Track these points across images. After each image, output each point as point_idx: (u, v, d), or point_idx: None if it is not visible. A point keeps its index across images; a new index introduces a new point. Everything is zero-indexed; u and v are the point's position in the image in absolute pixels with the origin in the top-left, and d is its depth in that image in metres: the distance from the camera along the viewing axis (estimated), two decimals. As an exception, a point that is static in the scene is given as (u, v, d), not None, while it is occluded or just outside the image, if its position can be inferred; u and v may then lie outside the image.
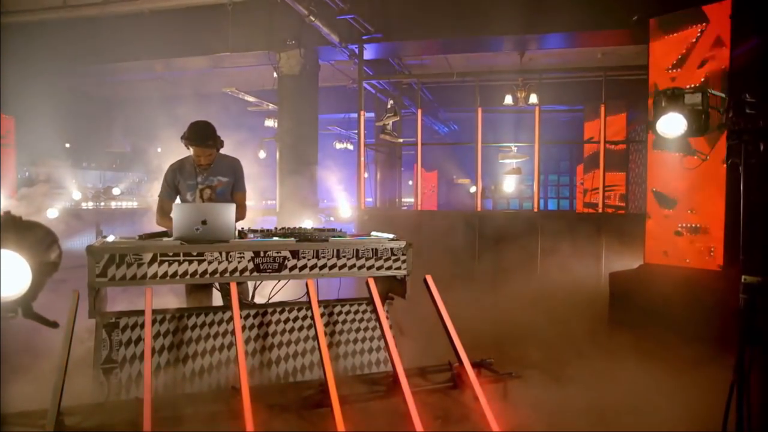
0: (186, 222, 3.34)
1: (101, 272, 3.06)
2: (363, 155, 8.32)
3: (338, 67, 10.12)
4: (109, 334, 3.34)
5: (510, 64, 11.04)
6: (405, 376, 3.26)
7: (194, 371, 3.44)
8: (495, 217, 8.20)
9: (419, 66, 11.66)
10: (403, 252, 3.72)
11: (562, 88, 11.59)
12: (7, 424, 2.81)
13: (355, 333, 3.91)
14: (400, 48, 8.84)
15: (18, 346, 4.19)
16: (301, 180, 8.54)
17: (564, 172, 19.29)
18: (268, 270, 3.42)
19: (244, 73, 10.57)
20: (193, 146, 3.97)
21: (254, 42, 8.37)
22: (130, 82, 11.57)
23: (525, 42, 9.06)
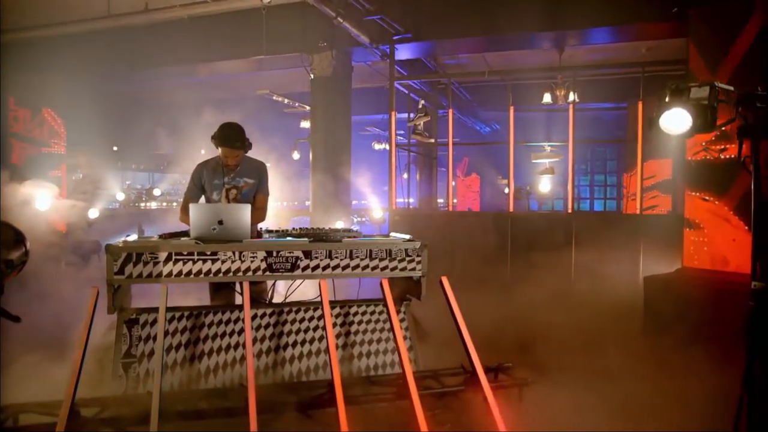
0: (203, 222, 3.41)
1: (119, 270, 3.17)
2: (394, 156, 8.31)
3: (375, 68, 10.14)
4: (129, 329, 3.46)
5: (549, 62, 10.79)
6: (414, 378, 3.23)
7: (209, 368, 3.51)
8: (527, 218, 8.03)
9: (456, 65, 11.54)
10: (418, 253, 3.68)
11: (604, 85, 11.24)
12: (25, 413, 2.95)
13: (371, 334, 3.90)
14: (434, 48, 8.77)
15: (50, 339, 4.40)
16: (334, 180, 8.61)
17: (612, 172, 18.70)
18: (280, 270, 3.45)
19: (281, 75, 10.73)
20: (222, 147, 4.05)
21: (288, 45, 8.49)
22: (174, 86, 11.93)
23: (563, 38, 8.81)
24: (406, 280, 3.83)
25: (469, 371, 3.39)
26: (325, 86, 8.70)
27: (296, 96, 12.48)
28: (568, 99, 9.98)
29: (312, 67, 8.67)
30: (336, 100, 8.77)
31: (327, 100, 8.76)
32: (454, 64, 11.53)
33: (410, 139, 9.53)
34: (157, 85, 11.52)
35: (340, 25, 6.93)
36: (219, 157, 4.13)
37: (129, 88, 11.78)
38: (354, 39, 7.74)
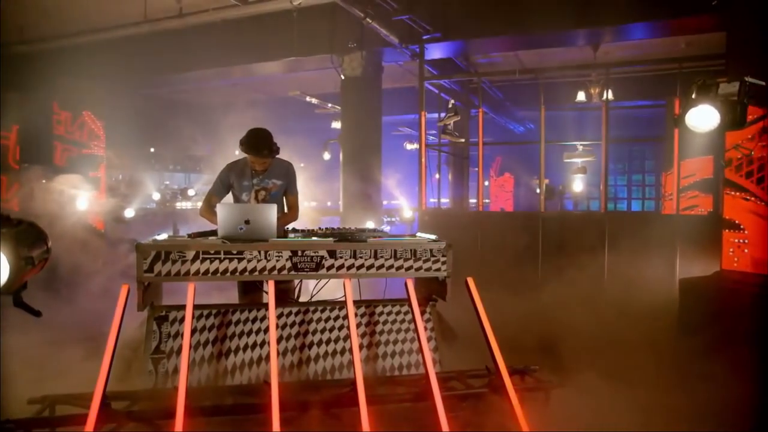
0: (230, 222, 3.47)
1: (148, 268, 3.25)
2: (424, 156, 8.28)
3: (407, 68, 10.14)
4: (159, 326, 3.55)
5: (583, 59, 10.57)
6: (438, 379, 3.22)
7: (235, 365, 3.57)
8: (559, 218, 7.89)
9: (488, 64, 11.44)
10: (443, 253, 3.66)
11: (641, 82, 10.95)
12: (61, 404, 3.06)
13: (395, 334, 3.89)
14: (464, 47, 8.70)
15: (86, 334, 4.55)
16: (364, 181, 8.64)
17: (650, 171, 18.20)
18: (305, 269, 3.48)
19: (312, 76, 10.84)
20: (250, 155, 4.10)
21: (318, 46, 8.56)
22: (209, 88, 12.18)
23: (598, 34, 8.60)
24: (432, 281, 3.82)
25: (493, 373, 3.36)
26: (355, 87, 8.74)
27: (328, 97, 12.58)
28: (602, 97, 9.77)
29: (342, 68, 8.72)
30: (366, 100, 8.80)
31: (357, 100, 8.80)
32: (486, 63, 11.43)
33: (440, 139, 9.47)
34: (193, 87, 11.77)
35: (368, 25, 6.94)
36: (248, 158, 4.19)
37: (165, 90, 12.08)
38: (383, 39, 7.74)
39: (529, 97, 11.27)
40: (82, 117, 8.97)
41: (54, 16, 8.56)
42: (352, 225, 8.13)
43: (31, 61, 9.49)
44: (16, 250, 1.22)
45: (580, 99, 10.36)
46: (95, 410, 2.66)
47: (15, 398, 3.09)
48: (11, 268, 1.21)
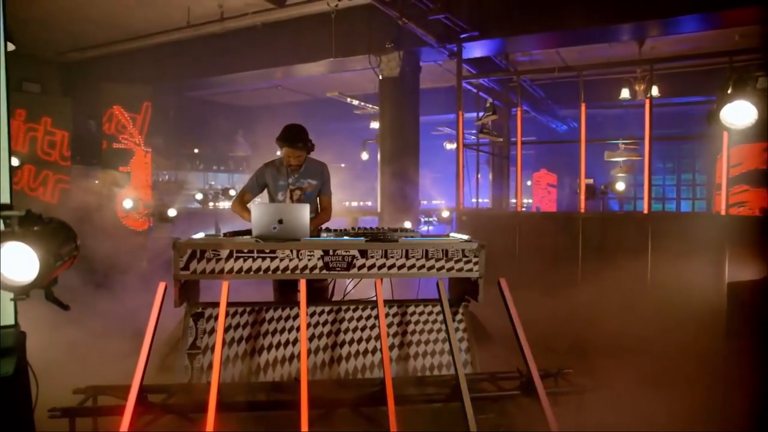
0: (264, 221, 3.54)
1: (184, 266, 3.35)
2: (462, 156, 8.22)
3: (447, 68, 10.09)
4: (195, 322, 3.64)
5: (629, 55, 10.27)
6: (469, 380, 3.20)
7: (268, 362, 3.63)
8: (600, 218, 7.67)
9: (529, 62, 11.27)
10: (475, 254, 3.62)
11: (690, 77, 10.56)
12: (102, 395, 3.19)
13: (427, 334, 3.88)
14: (503, 45, 8.59)
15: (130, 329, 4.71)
16: (402, 181, 8.65)
17: (701, 170, 17.50)
18: (337, 268, 3.51)
19: (352, 77, 10.92)
20: (285, 147, 4.18)
21: (356, 47, 8.62)
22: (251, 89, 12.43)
23: (644, 28, 8.32)
24: (465, 281, 3.79)
25: (525, 375, 3.30)
26: (392, 87, 8.76)
27: (367, 97, 12.65)
28: (648, 93, 9.47)
29: (380, 68, 8.75)
30: (404, 100, 8.81)
31: (395, 100, 8.82)
32: (527, 61, 11.26)
33: (479, 138, 9.38)
34: (235, 89, 12.04)
35: (405, 25, 6.95)
36: (283, 158, 4.26)
37: (208, 92, 12.40)
38: (421, 39, 7.73)
39: (570, 95, 11.03)
40: (117, 113, 9.02)
41: (104, 24, 8.92)
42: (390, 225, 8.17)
43: (83, 67, 9.93)
44: (46, 248, 1.28)
45: (624, 96, 10.07)
46: (132, 402, 2.76)
47: (62, 387, 3.23)
48: (41, 264, 1.27)
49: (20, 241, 1.25)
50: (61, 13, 8.55)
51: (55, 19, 8.72)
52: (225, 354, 3.56)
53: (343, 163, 16.50)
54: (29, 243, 1.26)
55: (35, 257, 1.27)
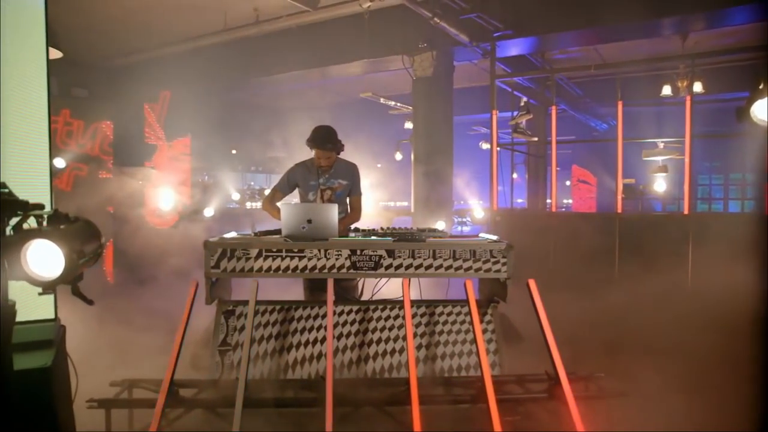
0: (293, 221, 3.59)
1: (215, 264, 3.43)
2: (495, 156, 8.14)
3: (482, 67, 10.02)
4: (227, 319, 3.73)
5: (670, 50, 9.95)
6: (496, 382, 3.18)
7: (296, 360, 3.69)
8: (637, 219, 7.48)
9: (566, 60, 11.05)
10: (503, 254, 3.59)
11: (737, 72, 10.15)
12: (137, 387, 3.30)
13: (455, 335, 3.87)
14: (537, 43, 8.46)
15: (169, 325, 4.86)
16: (435, 181, 8.62)
17: (752, 168, 16.75)
18: (364, 268, 3.53)
19: (387, 77, 10.95)
20: (315, 148, 4.24)
21: (389, 47, 8.64)
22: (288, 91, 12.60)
23: (687, 22, 8.01)
24: (494, 282, 3.76)
25: (553, 378, 3.25)
26: (426, 87, 8.74)
27: (403, 97, 12.66)
28: (691, 90, 9.16)
29: (413, 68, 8.75)
30: (437, 100, 8.78)
31: (428, 100, 8.80)
32: (564, 58, 11.05)
33: (513, 138, 9.27)
34: (272, 91, 12.23)
35: (437, 25, 6.93)
36: (314, 158, 4.32)
37: (245, 94, 12.63)
38: (454, 38, 7.69)
39: (609, 93, 10.78)
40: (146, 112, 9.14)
41: (146, 30, 9.22)
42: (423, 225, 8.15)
43: (127, 72, 10.28)
44: (70, 246, 1.35)
45: (666, 93, 9.77)
46: (163, 396, 2.85)
47: (100, 379, 3.36)
48: (66, 261, 1.33)
49: (47, 239, 1.32)
50: (106, 21, 8.88)
51: (101, 26, 9.06)
52: (254, 351, 3.64)
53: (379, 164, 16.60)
54: (55, 241, 1.32)
55: (61, 254, 1.33)
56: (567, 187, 19.37)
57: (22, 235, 1.36)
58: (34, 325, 2.52)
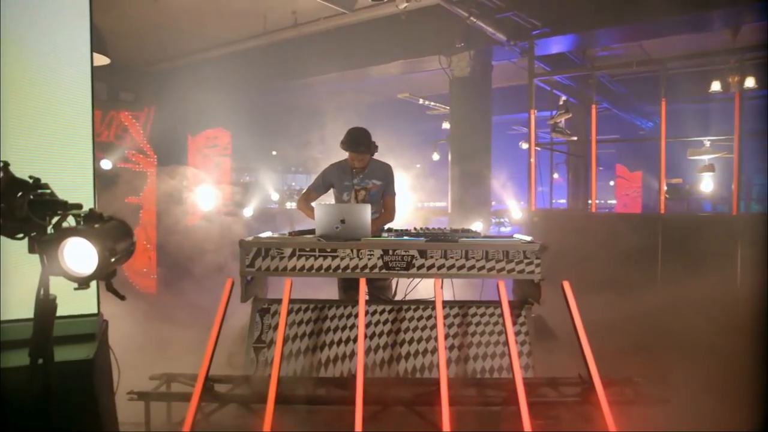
0: (327, 221, 3.64)
1: (250, 263, 3.51)
2: (534, 156, 8.02)
3: (521, 66, 9.89)
4: (261, 317, 3.82)
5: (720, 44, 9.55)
6: (528, 384, 3.15)
7: (329, 358, 3.74)
8: (682, 219, 7.23)
9: (609, 57, 10.78)
10: (537, 255, 3.55)
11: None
12: (176, 382, 3.41)
13: (488, 336, 3.84)
14: (578, 41, 8.29)
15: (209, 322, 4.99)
16: (472, 181, 8.56)
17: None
18: (396, 268, 3.55)
19: (425, 77, 10.93)
20: (348, 150, 4.29)
21: (426, 47, 8.63)
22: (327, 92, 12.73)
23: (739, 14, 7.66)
24: (528, 283, 3.73)
25: (587, 382, 3.19)
26: (463, 86, 8.69)
27: (441, 97, 12.62)
28: (743, 85, 8.77)
29: (451, 68, 8.71)
30: (475, 100, 8.71)
31: (465, 100, 8.75)
32: (607, 55, 10.79)
33: (553, 138, 9.11)
34: (311, 92, 12.37)
35: (473, 24, 6.88)
36: (348, 158, 4.37)
37: (285, 96, 12.82)
38: (491, 38, 7.62)
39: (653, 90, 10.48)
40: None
41: (189, 35, 9.48)
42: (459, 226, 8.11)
43: (171, 76, 10.60)
44: (103, 244, 1.41)
45: (715, 89, 9.40)
46: (198, 390, 2.93)
47: (142, 373, 3.49)
48: (99, 258, 1.40)
49: (82, 237, 1.39)
50: (151, 28, 9.18)
51: (146, 32, 9.37)
52: (288, 349, 3.71)
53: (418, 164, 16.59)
54: (89, 239, 1.39)
55: (94, 252, 1.40)
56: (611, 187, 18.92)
57: (60, 233, 1.44)
58: (78, 319, 2.64)
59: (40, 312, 1.56)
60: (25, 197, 1.55)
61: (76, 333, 2.55)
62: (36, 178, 1.64)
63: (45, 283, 1.55)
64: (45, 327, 1.59)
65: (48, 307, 1.57)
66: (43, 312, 1.57)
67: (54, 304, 1.59)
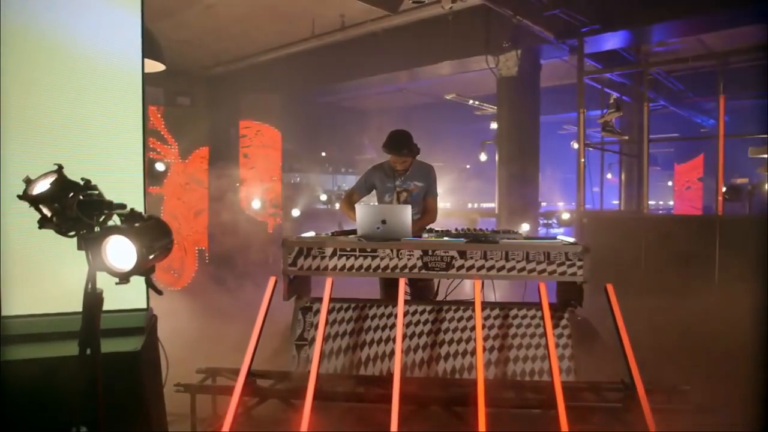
0: (368, 221, 3.69)
1: (292, 262, 3.60)
2: (583, 156, 7.84)
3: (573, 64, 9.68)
4: (304, 315, 3.90)
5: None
6: (568, 388, 3.10)
7: (369, 356, 3.78)
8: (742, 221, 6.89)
9: (666, 53, 10.39)
10: (579, 257, 3.48)
11: None
12: (220, 375, 3.54)
13: (529, 338, 3.79)
14: (630, 37, 8.03)
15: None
16: (520, 182, 8.44)
17: None
18: (435, 268, 3.56)
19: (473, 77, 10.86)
20: (390, 153, 4.33)
21: (473, 47, 8.58)
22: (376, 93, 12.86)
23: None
24: (570, 286, 3.66)
25: (630, 387, 3.11)
26: (511, 86, 8.59)
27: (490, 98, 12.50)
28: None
29: (498, 68, 8.62)
30: (522, 99, 8.59)
31: (513, 100, 8.63)
32: (663, 51, 10.40)
33: (603, 137, 8.87)
34: (360, 93, 12.52)
35: (519, 23, 6.78)
36: (390, 160, 4.41)
37: (334, 98, 13.02)
38: (538, 36, 7.49)
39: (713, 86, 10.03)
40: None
41: (241, 40, 9.79)
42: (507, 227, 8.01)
43: (224, 80, 10.96)
44: (141, 242, 1.50)
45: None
46: (240, 384, 3.04)
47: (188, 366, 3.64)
48: (137, 255, 1.49)
49: (123, 235, 1.48)
50: (205, 34, 9.54)
51: (200, 39, 9.74)
52: (328, 347, 3.78)
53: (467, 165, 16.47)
54: (129, 237, 1.48)
55: (133, 249, 1.49)
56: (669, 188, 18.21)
57: (104, 231, 1.54)
58: (128, 313, 2.79)
59: (87, 305, 1.67)
60: (75, 198, 1.66)
61: (125, 326, 2.69)
62: (86, 179, 1.76)
63: (92, 278, 1.65)
64: (92, 319, 1.69)
65: (95, 300, 1.68)
66: (90, 305, 1.67)
67: (101, 297, 1.69)
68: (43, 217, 1.70)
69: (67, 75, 2.73)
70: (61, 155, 1.89)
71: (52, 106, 2.69)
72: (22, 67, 2.63)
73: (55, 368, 2.28)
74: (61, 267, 2.54)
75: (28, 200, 1.69)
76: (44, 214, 1.70)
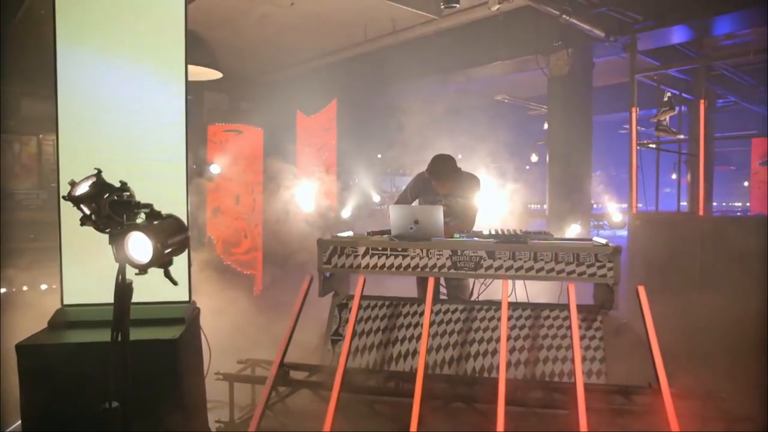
0: (401, 222, 3.82)
1: (327, 260, 3.77)
2: (635, 156, 7.60)
3: (630, 61, 9.42)
4: (339, 311, 4.07)
5: None
6: (592, 390, 3.10)
7: (400, 353, 3.90)
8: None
9: (733, 46, 9.87)
10: (609, 258, 3.45)
11: None
12: (259, 366, 3.76)
13: (560, 339, 3.79)
14: (687, 31, 7.70)
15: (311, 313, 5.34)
16: (571, 183, 8.29)
17: None
18: (464, 268, 3.63)
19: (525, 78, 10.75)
20: (432, 180, 4.45)
21: (524, 48, 8.51)
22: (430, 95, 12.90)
23: None
24: (603, 288, 3.64)
25: (658, 391, 3.07)
26: (562, 86, 8.45)
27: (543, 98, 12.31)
28: None
29: (549, 68, 8.51)
30: (574, 99, 8.43)
31: (564, 99, 8.49)
32: (731, 45, 9.89)
33: (659, 137, 8.56)
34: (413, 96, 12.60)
35: (566, 22, 6.68)
36: None
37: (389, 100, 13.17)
38: (588, 35, 7.34)
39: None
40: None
41: (297, 46, 10.14)
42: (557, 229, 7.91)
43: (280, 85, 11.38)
44: (157, 238, 1.69)
45: None
46: (272, 375, 3.23)
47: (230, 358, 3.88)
48: (153, 250, 1.68)
49: (141, 232, 1.68)
50: (263, 41, 9.94)
51: (258, 46, 10.17)
52: (362, 342, 3.92)
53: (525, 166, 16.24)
54: (147, 233, 1.68)
55: (149, 245, 1.68)
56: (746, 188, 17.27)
57: (127, 228, 1.74)
58: (170, 305, 3.03)
59: (118, 295, 1.88)
60: (110, 198, 1.88)
61: (167, 317, 2.93)
62: (123, 182, 1.98)
63: (122, 270, 1.86)
64: (122, 308, 1.90)
65: (125, 290, 1.89)
66: (121, 295, 1.88)
67: (130, 288, 1.90)
68: (84, 216, 1.93)
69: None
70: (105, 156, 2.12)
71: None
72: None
73: (103, 352, 2.54)
74: (111, 261, 2.83)
75: (71, 200, 1.92)
76: (85, 213, 1.93)
